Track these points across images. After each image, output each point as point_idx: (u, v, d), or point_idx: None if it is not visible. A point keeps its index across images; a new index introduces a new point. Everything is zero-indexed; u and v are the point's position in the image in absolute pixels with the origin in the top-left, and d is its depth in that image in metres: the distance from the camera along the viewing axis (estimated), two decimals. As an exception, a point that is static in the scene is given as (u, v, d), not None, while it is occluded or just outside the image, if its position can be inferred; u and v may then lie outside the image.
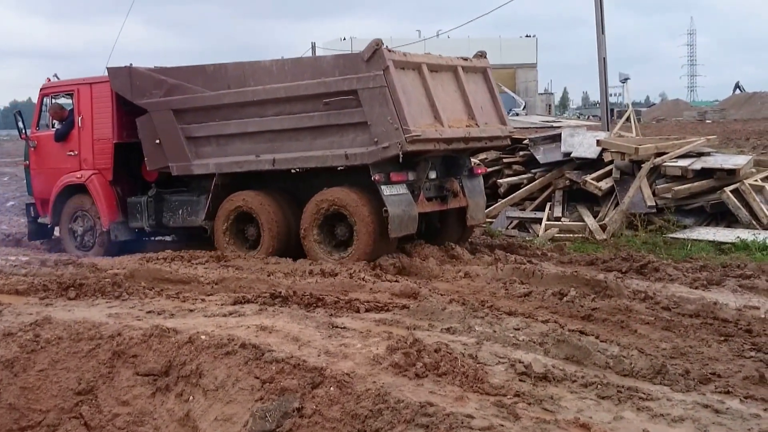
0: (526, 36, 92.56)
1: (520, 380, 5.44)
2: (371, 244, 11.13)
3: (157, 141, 12.76)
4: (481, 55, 12.97)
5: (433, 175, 11.93)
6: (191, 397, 5.69)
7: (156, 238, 14.32)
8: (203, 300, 8.52)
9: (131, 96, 12.97)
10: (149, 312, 7.64)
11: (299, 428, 4.94)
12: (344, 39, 71.74)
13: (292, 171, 12.23)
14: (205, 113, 12.45)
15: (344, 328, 6.72)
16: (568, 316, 7.92)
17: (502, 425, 4.63)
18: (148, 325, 6.56)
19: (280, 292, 8.51)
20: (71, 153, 13.85)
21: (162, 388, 5.89)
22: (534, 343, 6.37)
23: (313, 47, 50.05)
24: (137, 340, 6.24)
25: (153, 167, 13.04)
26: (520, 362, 5.70)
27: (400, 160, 10.91)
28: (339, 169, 11.65)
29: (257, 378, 5.44)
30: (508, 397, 5.11)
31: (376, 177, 11.02)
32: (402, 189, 11.26)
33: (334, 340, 6.24)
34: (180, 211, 13.11)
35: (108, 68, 13.35)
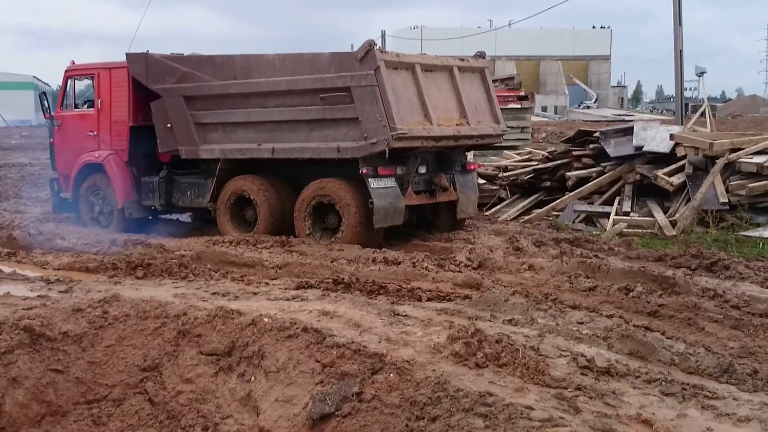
0: (600, 27, 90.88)
1: (582, 374, 5.37)
2: (357, 232, 11.78)
3: (169, 125, 13.45)
4: (480, 55, 13.57)
5: (423, 169, 12.55)
6: (253, 378, 5.77)
7: (166, 216, 15.05)
8: (267, 284, 8.65)
9: (147, 81, 13.67)
10: (214, 293, 7.81)
11: (358, 412, 4.97)
12: (414, 28, 71.70)
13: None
14: (213, 101, 13.12)
15: (405, 315, 6.74)
16: (634, 311, 7.77)
17: (562, 418, 4.58)
18: (213, 306, 6.67)
19: (343, 279, 8.61)
20: (91, 133, 14.53)
21: (225, 368, 6.00)
22: (597, 337, 6.27)
23: (383, 36, 50.16)
24: (202, 320, 6.37)
25: (164, 149, 13.75)
26: (582, 356, 5.63)
27: (387, 155, 11.48)
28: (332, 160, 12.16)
29: (318, 362, 5.50)
30: (569, 390, 5.06)
31: (363, 170, 11.64)
32: (390, 182, 11.87)
33: (395, 328, 6.26)
34: (188, 193, 13.93)
35: (127, 54, 13.97)
